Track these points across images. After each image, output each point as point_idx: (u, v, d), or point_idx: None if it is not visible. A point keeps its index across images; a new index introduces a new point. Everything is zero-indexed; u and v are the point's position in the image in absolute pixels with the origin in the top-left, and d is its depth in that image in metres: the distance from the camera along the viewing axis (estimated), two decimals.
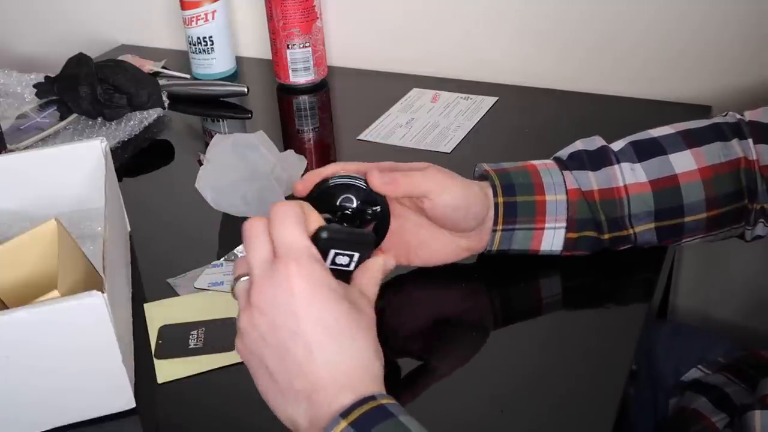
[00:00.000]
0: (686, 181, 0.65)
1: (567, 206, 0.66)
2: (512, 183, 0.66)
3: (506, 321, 0.67)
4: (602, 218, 0.66)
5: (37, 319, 0.53)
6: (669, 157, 0.66)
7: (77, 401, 0.58)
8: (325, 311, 0.48)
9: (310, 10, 1.07)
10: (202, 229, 0.81)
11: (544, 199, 0.66)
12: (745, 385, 0.76)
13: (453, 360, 0.63)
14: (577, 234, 0.66)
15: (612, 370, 0.60)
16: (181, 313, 0.68)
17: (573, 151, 0.68)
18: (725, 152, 0.66)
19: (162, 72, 1.19)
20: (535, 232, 0.66)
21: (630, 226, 0.66)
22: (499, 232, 0.66)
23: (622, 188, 0.65)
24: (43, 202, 0.76)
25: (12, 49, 1.47)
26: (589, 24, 1.03)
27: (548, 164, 0.68)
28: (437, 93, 1.08)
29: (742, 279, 1.12)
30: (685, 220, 0.66)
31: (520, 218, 0.66)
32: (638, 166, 0.66)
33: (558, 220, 0.66)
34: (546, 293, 0.69)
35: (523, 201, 0.65)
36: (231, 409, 0.59)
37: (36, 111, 1.05)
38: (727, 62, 0.98)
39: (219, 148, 0.79)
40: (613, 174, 0.66)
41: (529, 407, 0.58)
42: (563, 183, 0.66)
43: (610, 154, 0.67)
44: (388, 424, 0.46)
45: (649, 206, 0.65)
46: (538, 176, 0.66)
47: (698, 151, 0.66)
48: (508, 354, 0.63)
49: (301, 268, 0.49)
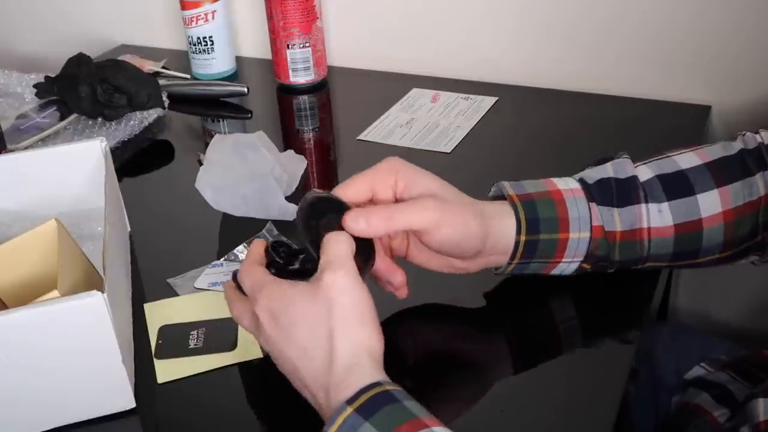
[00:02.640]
0: (709, 226, 0.63)
1: (589, 244, 0.63)
2: (537, 218, 0.62)
3: (506, 321, 0.67)
4: (616, 259, 0.64)
5: (37, 319, 0.53)
6: (697, 198, 0.63)
7: (77, 401, 0.58)
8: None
9: (310, 10, 1.07)
10: (202, 229, 0.81)
11: (567, 236, 0.63)
12: (749, 383, 0.76)
13: (453, 361, 0.63)
14: (592, 264, 0.65)
15: (612, 370, 0.60)
16: (181, 313, 0.68)
17: (602, 177, 0.64)
18: (748, 191, 0.64)
19: (162, 72, 1.19)
20: (551, 264, 0.65)
21: (643, 264, 0.65)
22: (515, 264, 0.64)
23: (645, 230, 0.63)
24: (43, 202, 0.75)
25: (12, 49, 1.47)
26: (589, 23, 1.03)
27: (575, 191, 0.64)
28: (437, 93, 1.08)
29: (741, 280, 1.12)
30: (698, 260, 0.65)
31: (539, 254, 0.64)
32: (665, 206, 0.63)
33: (577, 255, 0.64)
34: (545, 294, 0.69)
35: (546, 239, 0.63)
36: (231, 409, 0.59)
37: (36, 111, 1.05)
38: (727, 62, 0.98)
39: (219, 148, 0.79)
40: (638, 214, 0.63)
41: (529, 407, 0.58)
42: (589, 219, 0.63)
43: (638, 188, 0.64)
44: (392, 408, 0.47)
45: (668, 249, 0.64)
46: (564, 209, 0.63)
47: (725, 190, 0.63)
48: (509, 354, 0.63)
49: (271, 294, 0.53)
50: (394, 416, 0.47)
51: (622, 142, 0.71)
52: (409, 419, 0.47)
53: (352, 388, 0.49)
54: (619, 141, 0.71)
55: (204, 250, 0.77)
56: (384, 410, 0.47)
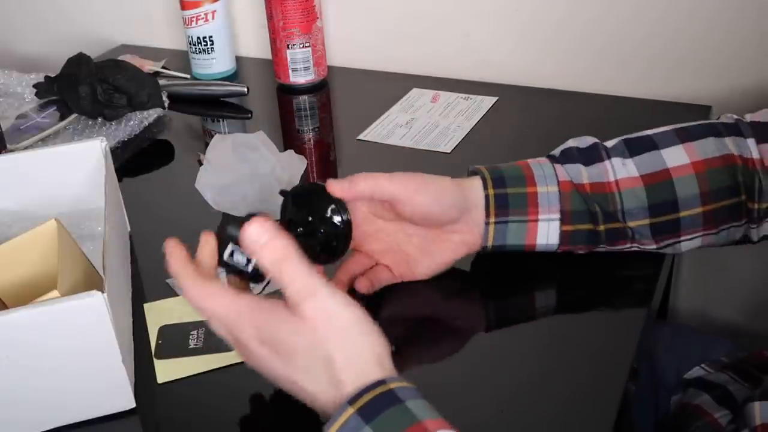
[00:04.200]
0: (679, 175, 0.65)
1: (559, 197, 0.66)
2: (502, 175, 0.66)
3: (507, 321, 0.67)
4: (597, 209, 0.66)
5: (37, 319, 0.53)
6: (661, 152, 0.66)
7: (77, 401, 0.58)
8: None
9: (310, 10, 1.07)
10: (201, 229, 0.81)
11: (535, 190, 0.66)
12: (749, 384, 0.76)
13: (453, 360, 0.63)
14: (573, 227, 0.66)
15: (612, 370, 0.60)
16: (181, 313, 0.68)
17: (564, 148, 0.69)
18: (719, 147, 0.66)
19: (162, 72, 1.19)
20: (529, 224, 0.66)
21: (624, 222, 0.66)
22: (492, 225, 0.66)
23: (614, 183, 0.66)
24: (43, 202, 0.75)
25: (12, 49, 1.47)
26: (590, 25, 1.03)
27: (540, 160, 0.69)
28: (437, 93, 1.08)
29: (742, 280, 1.12)
30: (680, 215, 0.66)
31: (513, 210, 0.66)
32: (630, 161, 0.66)
33: (551, 211, 0.66)
34: (546, 294, 0.69)
35: (514, 192, 0.66)
36: (231, 409, 0.59)
37: (36, 111, 1.05)
38: (727, 62, 0.98)
39: (219, 148, 0.79)
40: (604, 169, 0.66)
41: (529, 407, 0.58)
42: (555, 175, 0.66)
43: (601, 150, 0.67)
44: (394, 411, 0.46)
45: (642, 201, 0.65)
46: (528, 169, 0.67)
47: (691, 145, 0.66)
48: (509, 354, 0.63)
49: (239, 321, 0.52)
50: (396, 420, 0.46)
51: None
52: (412, 423, 0.46)
53: (354, 386, 0.48)
54: None
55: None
56: (386, 413, 0.46)
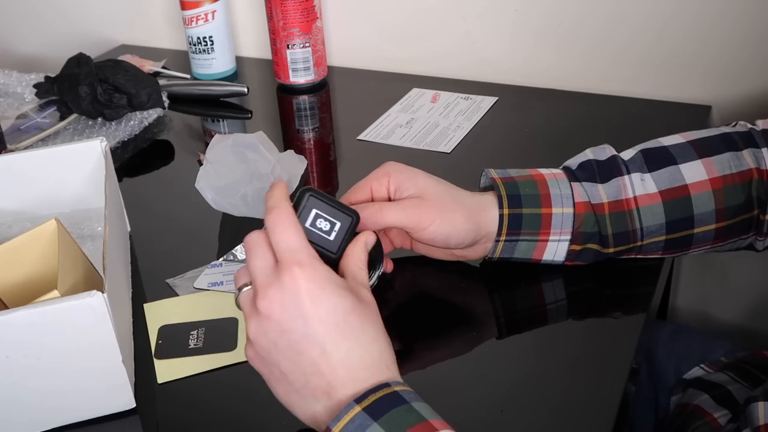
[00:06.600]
0: (697, 192, 0.65)
1: (573, 219, 0.65)
2: (518, 194, 0.65)
3: (507, 321, 0.67)
4: (609, 232, 0.65)
5: (37, 319, 0.53)
6: (680, 167, 0.65)
7: (77, 401, 0.58)
8: (333, 308, 0.49)
9: (310, 10, 1.07)
10: (202, 229, 0.81)
11: (550, 212, 0.65)
12: (748, 384, 0.76)
13: (453, 360, 0.63)
14: (582, 246, 0.66)
15: (612, 370, 0.60)
16: (181, 313, 0.68)
17: (583, 160, 0.67)
18: (736, 163, 0.65)
19: (162, 72, 1.19)
20: (539, 243, 0.66)
21: (641, 240, 0.66)
22: (502, 242, 0.66)
23: (632, 200, 0.65)
24: (43, 202, 0.76)
25: (12, 49, 1.47)
26: (589, 23, 1.03)
27: (557, 174, 0.67)
28: (437, 93, 1.08)
29: (742, 280, 1.12)
30: (694, 231, 0.66)
31: (525, 230, 0.65)
32: (648, 176, 0.65)
33: (563, 233, 0.65)
34: (546, 294, 0.69)
35: (529, 213, 0.65)
36: (231, 409, 0.59)
37: (36, 111, 1.05)
38: (726, 62, 0.98)
39: (219, 148, 0.79)
40: (622, 185, 0.65)
41: (529, 407, 0.58)
42: (571, 195, 0.65)
43: (620, 164, 0.66)
44: (400, 410, 0.47)
45: (660, 219, 0.65)
46: (545, 187, 0.66)
47: (709, 161, 0.65)
48: (509, 354, 0.63)
49: (304, 270, 0.49)
50: (403, 418, 0.47)
51: (621, 142, 0.71)
52: (419, 422, 0.47)
53: (359, 388, 0.48)
54: (619, 141, 0.71)
55: (204, 250, 0.77)
56: (393, 412, 0.47)
